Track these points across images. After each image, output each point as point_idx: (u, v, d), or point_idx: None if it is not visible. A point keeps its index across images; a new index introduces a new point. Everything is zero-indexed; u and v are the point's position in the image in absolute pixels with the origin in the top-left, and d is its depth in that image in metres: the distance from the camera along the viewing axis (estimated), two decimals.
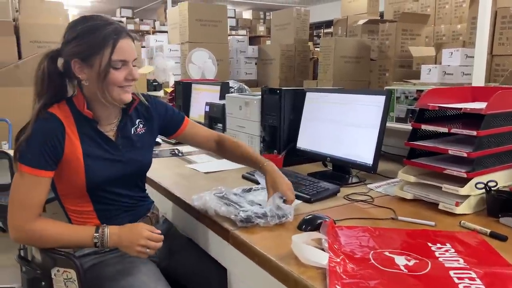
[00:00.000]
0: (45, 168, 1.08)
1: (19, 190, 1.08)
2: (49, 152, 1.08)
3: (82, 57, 1.09)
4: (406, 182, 1.32)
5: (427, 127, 1.30)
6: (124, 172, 1.20)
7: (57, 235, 1.10)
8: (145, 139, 1.28)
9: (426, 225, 1.10)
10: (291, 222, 1.11)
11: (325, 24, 9.92)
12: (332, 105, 1.59)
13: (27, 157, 1.07)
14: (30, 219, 1.08)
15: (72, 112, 1.14)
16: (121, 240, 1.10)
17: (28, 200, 1.08)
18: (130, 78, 1.13)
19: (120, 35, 1.10)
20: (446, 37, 5.01)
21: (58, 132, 1.09)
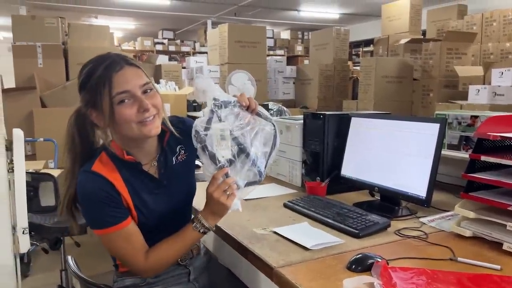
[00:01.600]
0: (120, 221, 1.07)
1: (115, 247, 1.09)
2: (112, 206, 1.06)
3: (92, 105, 1.05)
4: (464, 217, 1.21)
5: (487, 159, 1.19)
6: (174, 207, 1.17)
7: (171, 253, 1.11)
8: (188, 164, 1.24)
9: (490, 269, 1.00)
10: (339, 261, 1.04)
11: (364, 42, 9.81)
12: (379, 132, 1.51)
13: (97, 222, 1.07)
14: (143, 260, 1.09)
15: (114, 162, 1.10)
16: (215, 213, 1.09)
17: (130, 251, 1.09)
18: (142, 110, 1.04)
19: (114, 68, 1.03)
20: (494, 55, 4.80)
21: (107, 187, 1.06)
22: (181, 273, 1.23)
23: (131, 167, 1.12)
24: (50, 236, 2.14)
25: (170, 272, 1.21)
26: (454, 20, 5.46)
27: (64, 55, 4.70)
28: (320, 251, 1.11)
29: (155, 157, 1.17)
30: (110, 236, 1.07)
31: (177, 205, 1.19)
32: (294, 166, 1.87)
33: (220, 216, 1.11)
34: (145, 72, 1.09)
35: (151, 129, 1.07)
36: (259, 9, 8.66)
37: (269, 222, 1.34)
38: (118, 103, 1.02)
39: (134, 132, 1.06)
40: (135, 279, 1.18)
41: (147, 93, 1.06)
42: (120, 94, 1.02)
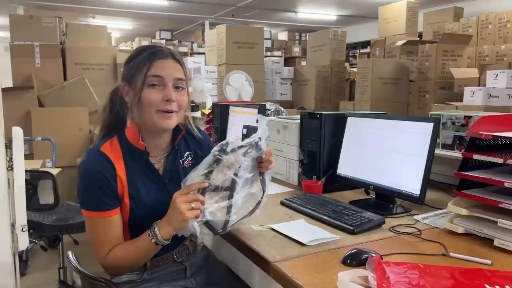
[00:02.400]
0: (108, 208, 1.10)
1: (93, 231, 1.12)
2: (105, 193, 1.09)
3: (128, 79, 1.13)
4: (457, 214, 1.24)
5: (479, 157, 1.22)
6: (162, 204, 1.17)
7: (128, 258, 1.11)
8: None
9: (481, 264, 1.03)
10: (335, 256, 1.07)
11: (361, 44, 9.86)
12: (375, 131, 1.54)
13: (87, 203, 1.10)
14: (106, 254, 1.11)
15: (122, 147, 1.15)
16: (171, 223, 1.06)
17: (103, 237, 1.11)
18: (167, 98, 1.09)
19: (160, 54, 1.11)
20: (490, 58, 4.85)
21: (109, 173, 1.10)
22: (178, 270, 1.25)
23: (138, 156, 1.15)
24: (48, 234, 2.15)
25: (167, 268, 1.22)
26: (450, 23, 5.52)
27: (61, 55, 4.71)
28: (316, 247, 1.13)
29: (164, 154, 1.21)
30: (94, 219, 1.10)
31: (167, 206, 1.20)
32: (291, 165, 1.89)
33: (175, 229, 1.06)
34: (185, 70, 1.15)
35: (168, 123, 1.12)
36: (256, 10, 8.70)
37: (266, 219, 1.36)
38: (149, 85, 1.09)
39: (151, 119, 1.11)
40: (132, 275, 1.19)
41: (178, 89, 1.13)
42: (153, 77, 1.09)
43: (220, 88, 4.83)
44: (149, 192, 1.16)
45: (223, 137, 2.65)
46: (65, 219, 2.18)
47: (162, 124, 1.12)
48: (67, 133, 4.07)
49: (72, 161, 4.06)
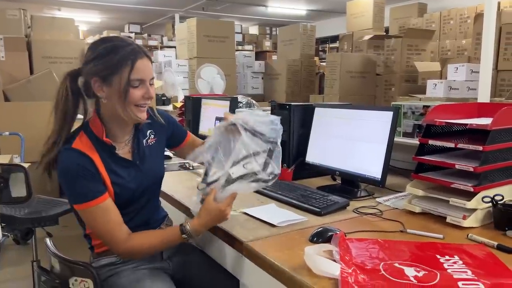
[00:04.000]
0: (98, 195, 1.14)
1: (97, 222, 1.16)
2: (92, 181, 1.14)
3: (102, 76, 1.14)
4: (414, 196, 1.34)
5: (434, 142, 1.33)
6: (144, 185, 1.25)
7: (153, 245, 1.19)
8: (157, 150, 1.34)
9: (434, 238, 1.13)
10: (302, 235, 1.15)
11: (331, 39, 10.04)
12: (340, 120, 1.63)
13: (77, 197, 1.14)
14: (125, 239, 1.16)
15: (92, 141, 1.19)
16: (208, 226, 1.18)
17: (111, 225, 1.16)
18: (147, 96, 1.18)
19: (138, 55, 1.16)
20: (451, 52, 5.07)
21: (87, 164, 1.14)
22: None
23: (107, 149, 1.20)
24: (21, 227, 2.14)
25: None
26: (415, 18, 5.71)
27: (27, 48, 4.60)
28: (286, 228, 1.21)
29: (129, 138, 1.27)
30: (91, 210, 1.14)
31: (147, 184, 1.27)
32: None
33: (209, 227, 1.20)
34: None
35: (144, 115, 1.20)
36: (227, 4, 8.70)
37: (239, 204, 1.42)
38: (132, 86, 1.15)
39: (129, 113, 1.17)
40: (110, 258, 1.25)
41: (151, 85, 1.21)
42: (136, 80, 1.15)
43: (191, 81, 4.85)
44: (127, 176, 1.21)
45: (196, 130, 2.69)
46: (38, 212, 2.18)
47: (140, 116, 1.19)
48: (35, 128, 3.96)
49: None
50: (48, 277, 1.20)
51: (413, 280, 0.88)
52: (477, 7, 4.88)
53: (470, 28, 5.07)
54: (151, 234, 1.22)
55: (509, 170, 1.28)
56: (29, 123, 3.99)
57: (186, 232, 1.16)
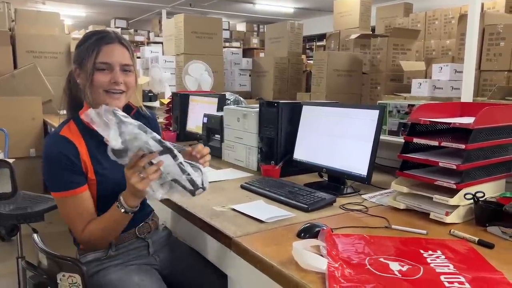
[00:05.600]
0: (76, 186, 1.16)
1: (66, 210, 1.18)
2: (72, 171, 1.15)
3: (78, 63, 1.21)
4: (399, 192, 1.38)
5: (418, 141, 1.36)
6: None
7: (106, 227, 1.17)
8: None
9: (418, 234, 1.16)
10: (290, 231, 1.16)
11: (318, 37, 10.09)
12: (327, 118, 1.65)
13: (55, 185, 1.16)
14: (83, 229, 1.17)
15: (80, 129, 1.21)
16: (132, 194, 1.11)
17: (77, 216, 1.17)
18: (114, 81, 1.18)
19: (107, 40, 1.19)
20: (436, 52, 5.15)
21: (70, 152, 1.16)
22: (141, 246, 1.31)
23: (95, 136, 1.17)
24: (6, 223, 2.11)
25: (130, 245, 1.29)
26: (400, 18, 5.79)
27: (11, 42, 4.52)
28: (274, 223, 1.23)
29: None
30: (65, 199, 1.16)
31: None
32: (250, 152, 1.98)
33: (136, 198, 1.13)
34: (132, 54, 1.24)
35: (116, 103, 1.20)
36: (214, 1, 8.67)
37: (227, 201, 1.44)
38: (98, 70, 1.18)
39: (100, 99, 1.19)
40: (96, 254, 1.25)
41: (125, 71, 1.21)
42: (101, 64, 1.18)
43: (178, 78, 4.82)
44: (112, 167, 1.20)
45: (183, 126, 2.69)
46: (23, 208, 2.16)
47: (111, 103, 1.18)
48: (19, 123, 3.94)
49: (25, 152, 3.94)
50: (35, 273, 1.20)
51: (398, 274, 0.91)
52: (461, 8, 4.97)
53: (454, 29, 5.15)
54: (102, 217, 1.19)
55: (490, 168, 1.32)
56: (13, 118, 3.94)
57: (120, 203, 1.13)
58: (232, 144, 2.07)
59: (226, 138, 2.12)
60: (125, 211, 1.14)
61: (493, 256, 1.02)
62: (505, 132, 1.34)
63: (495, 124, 1.30)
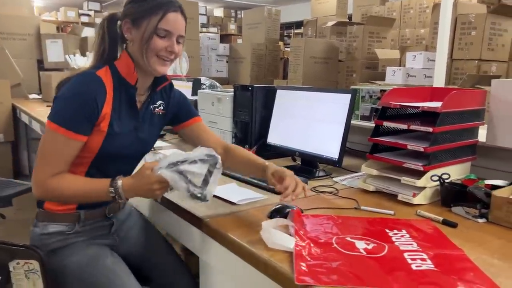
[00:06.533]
0: (80, 132, 1.08)
1: (49, 147, 1.08)
2: (88, 116, 1.09)
3: (133, 19, 1.15)
4: (369, 175, 1.40)
5: (388, 124, 1.39)
6: (132, 149, 1.21)
7: (74, 190, 1.09)
8: (160, 122, 1.31)
9: (386, 214, 1.19)
10: (261, 212, 1.17)
11: (296, 24, 10.07)
12: (301, 102, 1.66)
13: (64, 117, 1.07)
14: (51, 175, 1.07)
15: (114, 77, 1.16)
16: (137, 192, 1.08)
17: (56, 157, 1.08)
18: (170, 49, 1.15)
19: (172, 7, 1.14)
20: (411, 40, 5.22)
21: (100, 96, 1.10)
22: (105, 225, 1.27)
23: (125, 90, 1.17)
24: None
25: (96, 223, 1.24)
26: (377, 6, 5.82)
27: None
28: (245, 205, 1.24)
29: (143, 96, 1.25)
30: (58, 136, 1.07)
31: (135, 149, 1.23)
32: (224, 136, 1.98)
33: (139, 196, 1.10)
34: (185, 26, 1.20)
35: (163, 69, 1.17)
36: None
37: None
38: (157, 35, 1.13)
39: (150, 61, 1.15)
40: (62, 226, 1.18)
41: (179, 43, 1.19)
42: (163, 30, 1.13)
43: None
44: (125, 127, 1.17)
45: None
46: None
47: (158, 68, 1.16)
48: None
49: None
50: None
51: (363, 252, 0.93)
52: None
53: (428, 18, 5.22)
54: (79, 180, 1.12)
55: (456, 151, 1.36)
56: None
57: (115, 188, 1.06)
58: None
59: None
60: (114, 197, 1.07)
61: (456, 234, 1.06)
62: (471, 116, 1.38)
63: (461, 108, 1.34)
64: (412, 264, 0.88)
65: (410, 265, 0.88)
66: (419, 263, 0.88)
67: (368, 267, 0.87)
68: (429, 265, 0.87)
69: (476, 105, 1.40)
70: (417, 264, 0.88)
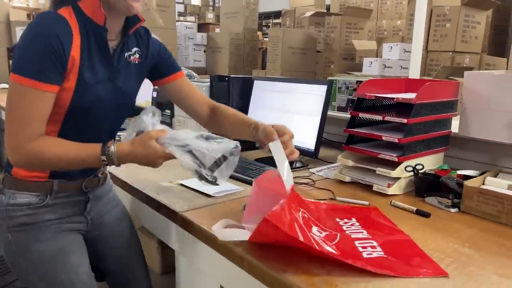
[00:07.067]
0: (52, 81, 0.94)
1: (18, 105, 0.93)
2: (55, 60, 0.93)
3: None
4: (345, 166, 1.41)
5: (364, 115, 1.40)
6: (111, 101, 1.07)
7: (60, 154, 0.97)
8: (137, 72, 1.15)
9: (360, 204, 1.20)
10: (238, 204, 1.17)
11: (274, 14, 10.03)
12: (278, 93, 1.65)
13: (28, 66, 0.92)
14: (30, 138, 0.94)
15: (78, 20, 0.99)
16: (136, 159, 0.99)
17: (29, 116, 0.94)
18: None
19: None
20: (387, 32, 5.27)
21: (65, 38, 0.94)
22: (79, 200, 1.14)
23: (93, 31, 1.02)
24: None
25: (70, 197, 1.11)
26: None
27: None
28: (222, 197, 1.22)
29: (114, 41, 1.09)
30: (26, 90, 0.92)
31: (114, 102, 1.08)
32: (201, 127, 1.95)
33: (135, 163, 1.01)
34: None
35: (136, 5, 1.01)
36: None
37: (176, 176, 1.42)
38: None
39: None
40: (32, 197, 1.05)
41: None
42: None
43: None
44: (98, 77, 1.03)
45: None
46: None
47: (130, 6, 1.00)
48: None
49: None
50: None
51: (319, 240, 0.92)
52: None
53: (404, 9, 5.29)
54: (65, 144, 0.99)
55: (429, 142, 1.38)
56: None
57: (108, 154, 0.96)
58: (183, 120, 2.03)
59: (176, 113, 2.08)
60: (106, 164, 0.97)
61: (429, 224, 1.08)
62: (444, 108, 1.41)
63: (435, 99, 1.36)
64: (363, 252, 0.89)
65: (361, 253, 0.88)
66: (369, 251, 0.89)
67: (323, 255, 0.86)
68: (379, 252, 0.89)
69: (449, 97, 1.42)
70: (368, 252, 0.89)
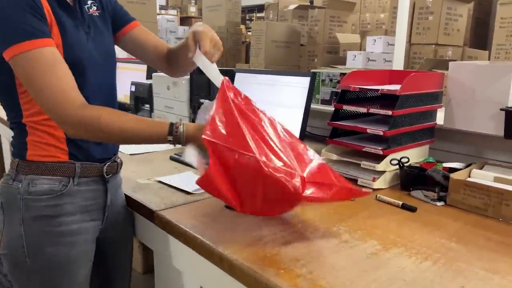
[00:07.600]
0: (46, 36, 0.85)
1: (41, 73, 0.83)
2: (37, 15, 0.85)
3: None
4: (329, 160, 1.37)
5: (348, 108, 1.36)
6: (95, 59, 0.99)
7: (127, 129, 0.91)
8: (104, 24, 1.07)
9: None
10: (219, 201, 1.11)
11: (257, 8, 9.95)
12: (260, 86, 1.60)
13: (17, 31, 0.83)
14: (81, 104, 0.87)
15: None
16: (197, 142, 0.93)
17: (65, 78, 0.86)
18: None
19: None
20: (371, 25, 5.27)
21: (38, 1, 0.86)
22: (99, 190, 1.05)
23: None
24: None
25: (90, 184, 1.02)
26: None
27: None
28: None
29: None
30: (30, 55, 0.82)
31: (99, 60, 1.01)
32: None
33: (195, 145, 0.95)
34: None
35: None
36: None
37: (154, 173, 1.36)
38: None
39: None
40: (53, 182, 0.95)
41: None
42: None
43: None
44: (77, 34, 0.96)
45: None
46: None
47: None
48: None
49: None
50: None
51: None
52: None
53: (388, 3, 5.29)
54: (125, 114, 0.92)
55: (415, 134, 1.35)
56: None
57: (176, 134, 0.91)
58: (162, 114, 1.97)
59: (156, 108, 2.01)
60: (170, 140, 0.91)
61: (416, 218, 1.05)
62: (429, 99, 1.38)
63: (420, 91, 1.32)
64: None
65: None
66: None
67: None
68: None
69: (434, 88, 1.39)
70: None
